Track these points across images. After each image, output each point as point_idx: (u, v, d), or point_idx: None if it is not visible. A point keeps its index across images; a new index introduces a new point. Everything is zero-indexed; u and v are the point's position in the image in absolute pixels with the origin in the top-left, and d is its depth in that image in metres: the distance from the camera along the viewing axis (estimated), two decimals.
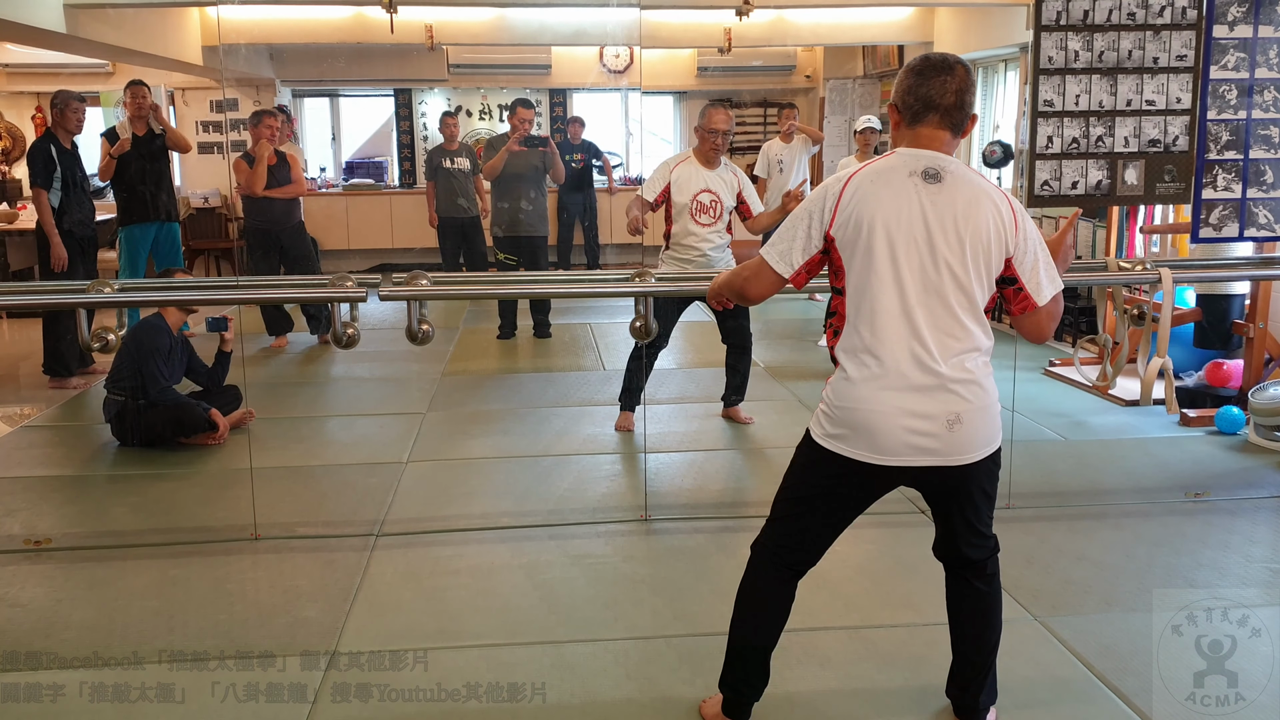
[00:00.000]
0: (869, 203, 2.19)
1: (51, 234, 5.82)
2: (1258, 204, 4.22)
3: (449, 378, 6.23)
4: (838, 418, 2.22)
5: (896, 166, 2.23)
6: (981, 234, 2.19)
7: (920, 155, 2.24)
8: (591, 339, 7.30)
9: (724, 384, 5.17)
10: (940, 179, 2.20)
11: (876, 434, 2.18)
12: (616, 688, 2.74)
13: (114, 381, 4.82)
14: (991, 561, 2.42)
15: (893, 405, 2.17)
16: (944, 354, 2.18)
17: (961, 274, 2.18)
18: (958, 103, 2.23)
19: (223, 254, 10.31)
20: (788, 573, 2.38)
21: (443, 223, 7.66)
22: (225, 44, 8.28)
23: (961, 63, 2.26)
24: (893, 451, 2.18)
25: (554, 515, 3.95)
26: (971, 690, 2.47)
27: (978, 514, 2.34)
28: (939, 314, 2.18)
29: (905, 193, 2.19)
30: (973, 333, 2.21)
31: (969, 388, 2.19)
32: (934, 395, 2.17)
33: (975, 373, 2.21)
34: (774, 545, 2.37)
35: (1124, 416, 5.24)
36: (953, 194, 2.19)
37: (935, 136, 2.26)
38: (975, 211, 2.19)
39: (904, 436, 2.17)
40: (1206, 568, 3.44)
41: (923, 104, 2.24)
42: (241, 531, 3.77)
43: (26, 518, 4.02)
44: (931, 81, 2.23)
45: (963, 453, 2.21)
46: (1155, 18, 4.05)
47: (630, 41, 9.81)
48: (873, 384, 2.18)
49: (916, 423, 2.17)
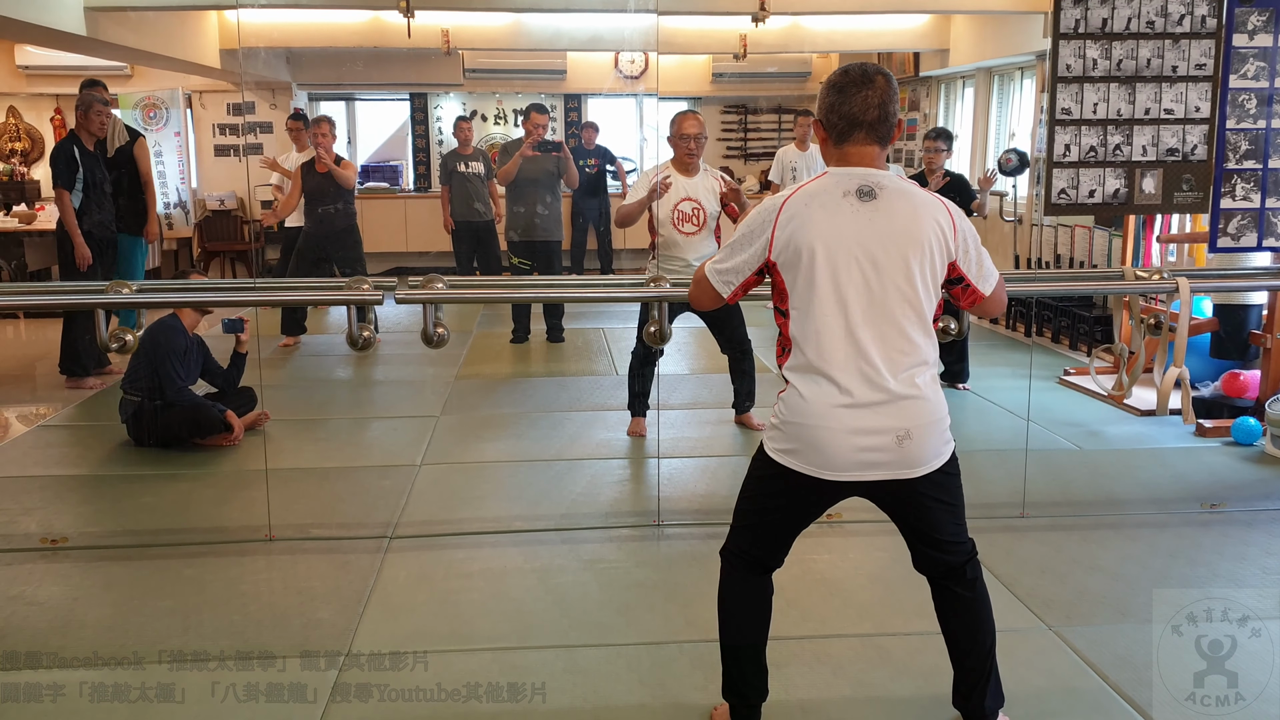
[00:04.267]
0: (805, 228, 2.19)
1: (74, 234, 5.87)
2: (1276, 214, 4.20)
3: (463, 381, 6.25)
4: (788, 433, 2.24)
5: (829, 188, 2.23)
6: (924, 245, 2.20)
7: (852, 174, 2.24)
8: (604, 344, 7.30)
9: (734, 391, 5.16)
10: (875, 196, 2.20)
11: (825, 450, 2.19)
12: (629, 693, 2.74)
13: (130, 382, 4.85)
14: (970, 566, 2.41)
15: (841, 423, 2.18)
16: (892, 370, 2.19)
17: (907, 288, 2.20)
18: (881, 116, 2.23)
19: (238, 256, 10.37)
20: (759, 569, 2.42)
21: (458, 227, 7.68)
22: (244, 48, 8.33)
23: (882, 73, 2.25)
24: (841, 467, 2.20)
25: (566, 519, 3.95)
26: (976, 697, 2.46)
27: (937, 523, 2.34)
28: (885, 331, 2.19)
29: (841, 214, 2.19)
30: (919, 347, 2.23)
31: (918, 403, 2.20)
32: (883, 411, 2.18)
33: (923, 388, 2.22)
34: (739, 549, 2.42)
35: (1139, 426, 5.22)
36: (889, 210, 2.20)
37: (864, 153, 2.25)
38: (915, 224, 2.20)
39: (853, 454, 2.19)
40: (1222, 579, 3.42)
41: (847, 122, 2.23)
42: (256, 532, 3.79)
43: (43, 516, 4.04)
44: (853, 98, 2.22)
45: (912, 466, 2.22)
46: (1174, 26, 4.04)
47: (647, 47, 9.82)
48: (821, 402, 2.19)
49: (866, 439, 2.18)
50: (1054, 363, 6.59)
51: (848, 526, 3.79)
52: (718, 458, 4.77)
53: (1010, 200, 7.81)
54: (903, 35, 8.90)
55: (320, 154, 6.86)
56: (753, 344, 5.07)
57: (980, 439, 4.98)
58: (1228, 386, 5.27)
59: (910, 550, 2.43)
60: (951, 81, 9.48)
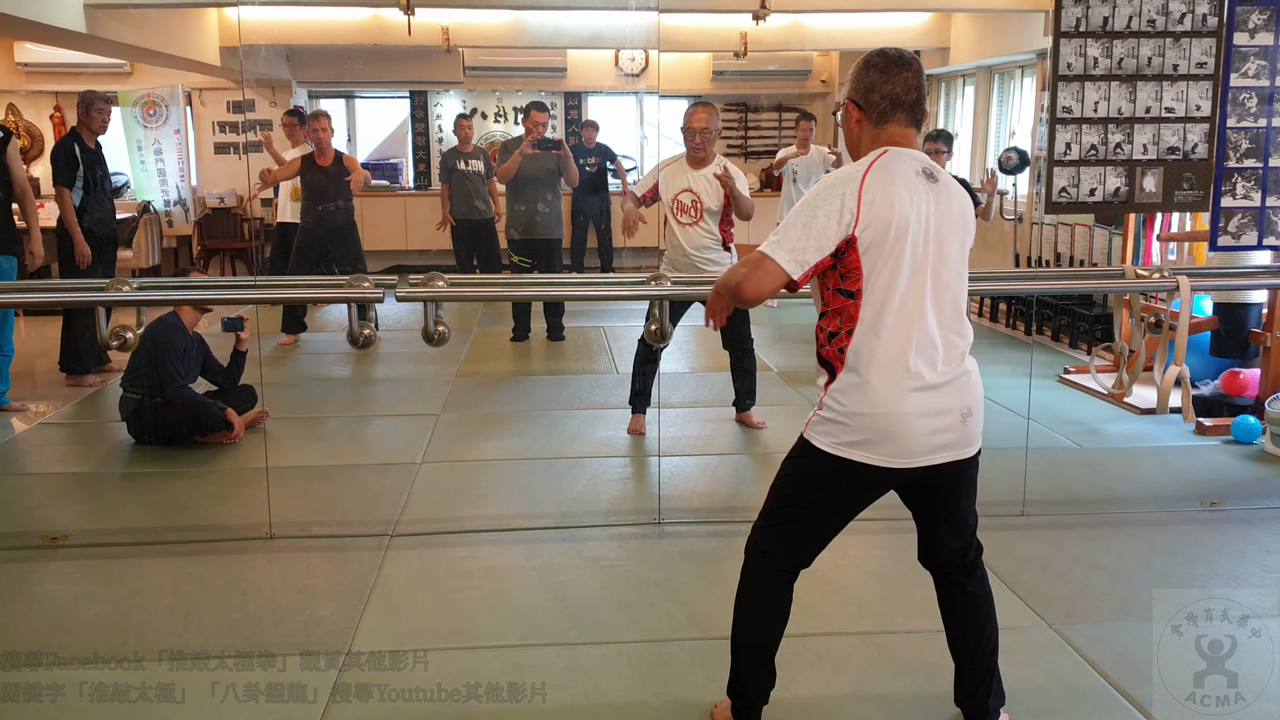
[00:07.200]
0: (894, 204, 2.13)
1: (75, 232, 5.87)
2: (1277, 212, 4.20)
3: (463, 379, 6.25)
4: (855, 425, 2.18)
5: (902, 167, 2.18)
6: (970, 230, 2.29)
7: (912, 155, 2.22)
8: (605, 342, 7.30)
9: (735, 389, 5.16)
10: (937, 180, 2.22)
11: (900, 437, 2.17)
12: (630, 690, 2.74)
13: (130, 380, 4.85)
14: (980, 561, 2.44)
15: (914, 407, 2.17)
16: (951, 351, 2.23)
17: (961, 271, 2.27)
18: (919, 99, 2.23)
19: (238, 254, 10.36)
20: (785, 575, 2.38)
21: (458, 225, 7.67)
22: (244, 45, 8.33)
23: (914, 58, 2.25)
24: (916, 453, 2.19)
25: (567, 518, 3.95)
26: (979, 695, 2.46)
27: (968, 507, 2.39)
28: (947, 313, 2.23)
29: (919, 193, 2.18)
30: (968, 329, 2.30)
31: (972, 382, 2.27)
32: (948, 392, 2.21)
33: (972, 367, 2.28)
34: (770, 549, 2.36)
35: (1140, 425, 5.22)
36: (948, 195, 2.23)
37: (906, 134, 2.24)
38: (965, 210, 2.27)
39: (926, 437, 2.19)
40: (1222, 577, 3.42)
41: (890, 102, 2.21)
42: (257, 530, 3.79)
43: (43, 514, 4.04)
44: (895, 78, 2.20)
45: (973, 444, 2.29)
46: (1175, 25, 4.03)
47: (647, 45, 9.82)
48: (893, 387, 2.16)
49: (936, 421, 2.19)
50: (1054, 361, 6.59)
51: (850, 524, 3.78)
52: (718, 456, 4.77)
53: (1011, 199, 7.82)
54: (903, 33, 8.89)
55: (320, 148, 6.84)
56: (756, 343, 5.07)
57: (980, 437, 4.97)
58: (1228, 385, 5.27)
59: (925, 542, 2.42)
60: (952, 80, 9.48)
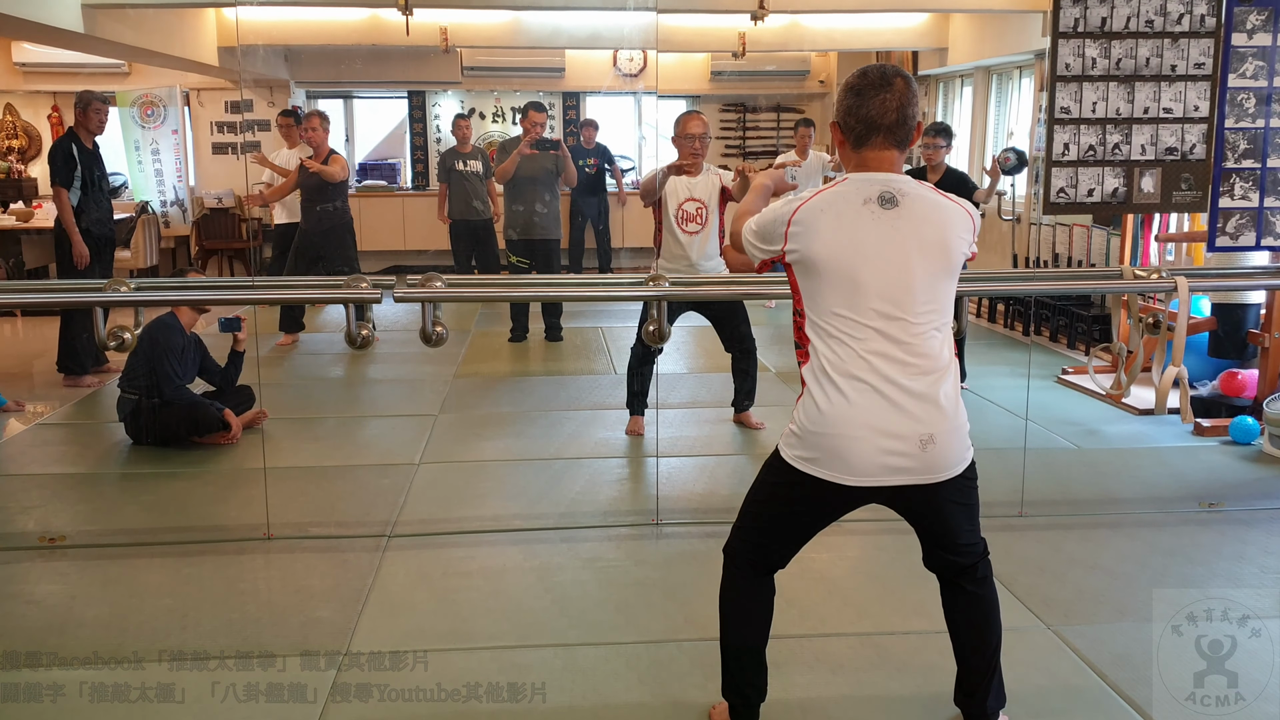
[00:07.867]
0: (815, 237, 2.16)
1: (72, 232, 5.87)
2: (1275, 213, 4.21)
3: (461, 380, 6.24)
4: (809, 441, 2.20)
5: (849, 195, 2.19)
6: (948, 250, 2.20)
7: (873, 180, 2.21)
8: (603, 343, 7.30)
9: (734, 389, 5.16)
10: (897, 203, 2.18)
11: (847, 456, 2.16)
12: (628, 691, 2.74)
13: (128, 380, 4.84)
14: (982, 565, 2.42)
15: (865, 428, 2.15)
16: (914, 376, 2.17)
17: (929, 295, 2.19)
18: (900, 119, 2.19)
19: (236, 254, 10.36)
20: (762, 569, 2.40)
21: (455, 225, 7.67)
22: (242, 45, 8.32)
23: (901, 75, 2.22)
24: (865, 472, 2.17)
25: (565, 518, 3.95)
26: (979, 696, 2.46)
27: (955, 528, 2.34)
28: (907, 337, 2.17)
29: (860, 222, 2.16)
30: (941, 352, 2.21)
31: (940, 409, 2.18)
32: (906, 416, 2.15)
33: (945, 394, 2.19)
34: (744, 549, 2.40)
35: (1138, 425, 5.22)
36: (913, 215, 2.18)
37: (882, 158, 2.22)
38: (939, 230, 2.19)
39: (877, 458, 2.16)
40: (1220, 577, 3.42)
41: (865, 125, 2.20)
42: (254, 531, 3.78)
43: (41, 515, 4.04)
44: (871, 101, 2.18)
45: (936, 472, 2.21)
46: (1174, 25, 4.04)
47: (645, 45, 9.82)
48: (843, 409, 2.16)
49: (889, 443, 2.15)
50: (1052, 361, 6.59)
51: (847, 525, 3.75)
52: (716, 456, 4.77)
53: (1009, 199, 7.82)
54: (901, 34, 8.90)
55: (312, 148, 6.84)
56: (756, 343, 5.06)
57: (978, 438, 4.86)
58: (1226, 386, 5.27)
59: (923, 550, 2.43)
60: (950, 80, 9.49)
